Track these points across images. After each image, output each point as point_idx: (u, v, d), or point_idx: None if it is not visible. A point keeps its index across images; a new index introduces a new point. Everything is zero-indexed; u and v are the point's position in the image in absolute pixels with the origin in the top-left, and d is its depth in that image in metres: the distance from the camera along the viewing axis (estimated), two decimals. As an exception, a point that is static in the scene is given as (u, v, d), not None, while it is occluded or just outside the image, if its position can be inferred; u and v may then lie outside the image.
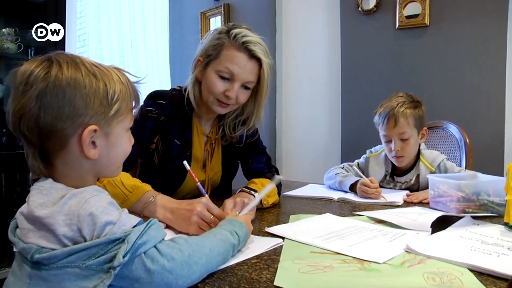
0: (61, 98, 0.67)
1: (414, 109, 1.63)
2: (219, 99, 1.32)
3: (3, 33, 2.67)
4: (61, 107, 0.67)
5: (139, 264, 0.64)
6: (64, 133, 0.68)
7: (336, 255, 0.85)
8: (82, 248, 0.62)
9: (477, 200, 1.20)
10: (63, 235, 0.63)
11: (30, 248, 0.64)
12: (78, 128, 0.69)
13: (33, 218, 0.65)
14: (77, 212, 0.64)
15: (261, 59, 1.30)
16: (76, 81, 0.68)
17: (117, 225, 0.64)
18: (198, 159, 1.47)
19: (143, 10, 4.09)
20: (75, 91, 0.68)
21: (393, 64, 2.77)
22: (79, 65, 0.71)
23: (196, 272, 0.69)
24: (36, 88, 0.66)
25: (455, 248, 0.87)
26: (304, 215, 1.24)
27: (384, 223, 1.12)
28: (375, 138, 1.78)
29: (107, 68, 0.75)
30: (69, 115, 0.67)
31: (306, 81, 3.34)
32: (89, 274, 0.62)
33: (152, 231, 0.67)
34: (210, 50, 1.32)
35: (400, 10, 2.69)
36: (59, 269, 0.62)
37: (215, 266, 0.75)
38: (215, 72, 1.30)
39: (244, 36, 1.29)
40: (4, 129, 2.68)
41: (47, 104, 0.66)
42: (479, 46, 2.45)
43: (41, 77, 0.67)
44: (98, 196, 0.67)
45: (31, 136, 0.68)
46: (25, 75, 0.68)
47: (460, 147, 1.95)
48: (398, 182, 1.73)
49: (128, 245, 0.62)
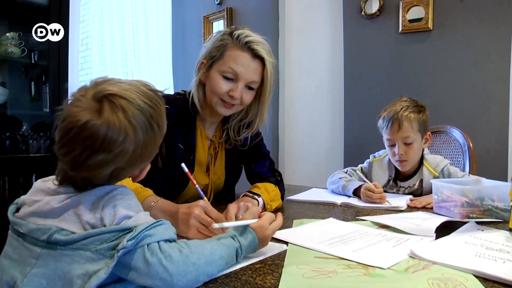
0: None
1: (418, 114, 1.63)
2: (223, 100, 1.32)
3: (7, 37, 2.68)
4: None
5: (140, 254, 0.66)
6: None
7: (340, 260, 0.85)
8: (98, 233, 0.66)
9: (481, 205, 1.19)
10: (87, 221, 0.67)
11: (48, 228, 0.67)
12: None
13: (54, 208, 0.70)
14: (102, 203, 0.69)
15: (264, 58, 1.31)
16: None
17: (133, 219, 0.69)
18: (202, 163, 1.47)
19: (146, 14, 4.10)
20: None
21: (396, 68, 2.77)
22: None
23: (193, 272, 0.68)
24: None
25: (460, 253, 0.87)
26: (307, 219, 1.24)
27: (387, 228, 1.12)
28: (378, 142, 1.78)
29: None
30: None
31: (308, 85, 3.34)
32: (97, 258, 0.65)
33: (160, 228, 0.69)
34: (214, 52, 1.33)
35: (403, 14, 2.69)
36: (74, 250, 0.65)
37: (216, 270, 0.75)
38: (219, 73, 1.31)
39: (247, 36, 1.30)
40: (8, 132, 2.69)
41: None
42: (483, 50, 2.45)
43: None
44: (123, 195, 0.72)
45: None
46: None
47: (464, 152, 1.95)
48: (402, 187, 1.73)
49: (135, 233, 0.65)
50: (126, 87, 0.72)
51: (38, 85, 2.91)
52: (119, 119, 0.68)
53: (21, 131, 2.72)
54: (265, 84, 1.36)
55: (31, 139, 2.74)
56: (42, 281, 0.66)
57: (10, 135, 2.70)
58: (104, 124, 0.66)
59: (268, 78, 1.35)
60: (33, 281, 0.66)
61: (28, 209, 0.72)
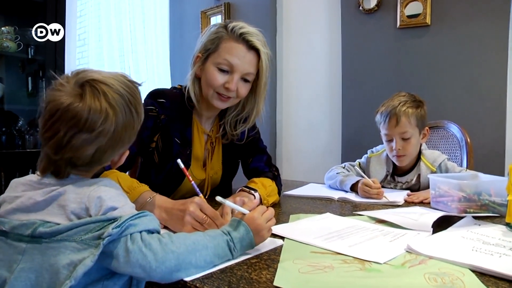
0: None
1: (416, 109, 1.62)
2: (219, 93, 1.32)
3: (3, 32, 2.66)
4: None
5: (123, 242, 0.68)
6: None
7: (337, 255, 0.85)
8: (83, 223, 0.67)
9: (479, 200, 1.19)
10: (72, 211, 0.69)
11: (32, 223, 0.69)
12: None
13: (49, 197, 0.72)
14: (88, 193, 0.71)
15: (259, 50, 1.31)
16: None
17: (118, 210, 0.71)
18: (199, 158, 1.46)
19: (143, 9, 4.08)
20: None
21: (394, 64, 2.76)
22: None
23: (172, 260, 0.69)
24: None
25: (457, 248, 0.87)
26: (304, 214, 1.23)
27: (384, 223, 1.11)
28: (376, 137, 1.78)
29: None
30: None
31: (306, 81, 3.33)
32: (82, 248, 0.66)
33: (145, 219, 0.72)
34: (209, 45, 1.32)
35: (401, 10, 2.68)
36: (58, 242, 0.67)
37: (202, 260, 0.74)
38: (214, 65, 1.30)
39: (241, 28, 1.30)
40: (4, 127, 2.68)
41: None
42: (481, 45, 2.44)
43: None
44: (109, 187, 0.75)
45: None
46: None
47: (461, 147, 1.95)
48: (399, 182, 1.73)
49: (119, 222, 0.67)
50: (106, 75, 0.78)
51: (35, 80, 2.89)
52: (100, 101, 0.73)
53: (17, 127, 2.71)
54: (260, 75, 1.36)
55: (27, 134, 2.73)
56: (30, 276, 0.67)
57: (7, 130, 2.69)
58: (86, 105, 0.72)
59: (263, 69, 1.34)
60: (21, 276, 0.67)
61: (9, 206, 0.73)
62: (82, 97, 0.72)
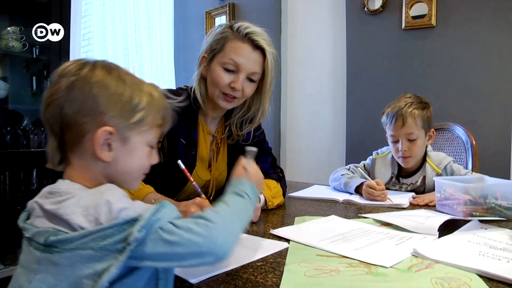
0: (86, 93, 0.71)
1: (422, 110, 1.62)
2: (224, 93, 1.32)
3: (8, 32, 2.66)
4: (84, 101, 0.71)
5: (157, 239, 0.63)
6: (82, 128, 0.71)
7: (343, 258, 0.84)
8: (98, 230, 0.62)
9: (485, 203, 1.18)
10: (79, 225, 0.63)
11: (45, 231, 0.65)
12: (96, 125, 0.71)
13: (46, 210, 0.67)
14: (93, 203, 0.65)
15: (265, 49, 1.31)
16: (103, 81, 0.72)
17: (131, 209, 0.65)
18: (204, 159, 1.46)
19: (148, 9, 4.09)
20: (100, 90, 0.71)
21: (399, 65, 2.76)
22: (112, 69, 0.75)
23: (219, 236, 0.65)
24: (67, 80, 0.71)
25: (463, 252, 0.86)
26: (309, 217, 1.23)
27: (390, 226, 1.11)
28: (380, 138, 1.77)
29: (140, 80, 0.78)
30: (90, 110, 0.71)
31: (311, 81, 3.33)
32: (103, 255, 0.62)
33: (166, 209, 0.66)
34: (214, 45, 1.33)
35: (406, 11, 2.67)
36: (71, 251, 0.62)
37: (239, 227, 0.72)
38: (220, 65, 1.31)
39: (247, 28, 1.30)
40: (8, 127, 2.68)
41: (72, 97, 0.71)
42: (486, 47, 2.43)
43: (73, 71, 0.72)
44: (112, 190, 0.69)
45: (54, 124, 0.72)
46: (62, 68, 0.73)
47: (467, 149, 1.94)
48: (404, 184, 1.72)
49: (143, 221, 0.62)
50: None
51: (40, 80, 2.90)
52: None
53: (22, 126, 2.71)
54: (266, 74, 1.35)
55: (32, 134, 2.73)
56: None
57: (11, 129, 2.69)
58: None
59: (269, 68, 1.34)
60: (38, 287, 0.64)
61: (34, 212, 0.71)
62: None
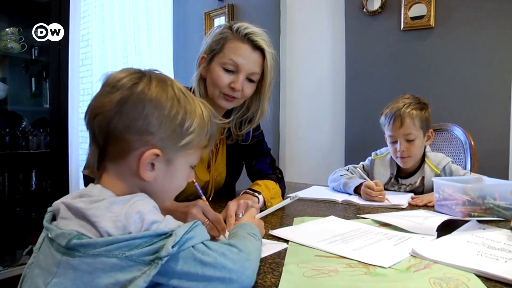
0: (139, 111, 0.68)
1: (421, 111, 1.63)
2: (224, 93, 1.33)
3: (7, 33, 2.66)
4: (136, 119, 0.68)
5: (189, 257, 0.62)
6: (129, 145, 0.69)
7: (341, 259, 0.84)
8: (126, 239, 0.60)
9: (483, 203, 1.19)
10: (106, 231, 0.61)
11: (69, 233, 0.62)
12: (143, 145, 0.69)
13: (75, 209, 0.65)
14: (124, 211, 0.63)
15: (264, 49, 1.32)
16: (159, 100, 0.69)
17: (163, 223, 0.64)
18: (203, 159, 1.47)
19: (147, 10, 4.10)
20: (154, 109, 0.69)
21: (398, 66, 2.76)
22: (167, 86, 0.72)
23: (249, 268, 0.67)
24: (121, 93, 0.68)
25: (462, 252, 0.86)
26: (308, 217, 1.23)
27: (389, 226, 1.11)
28: (379, 139, 1.77)
29: (194, 99, 0.76)
30: (139, 129, 0.68)
31: (310, 82, 3.33)
32: (127, 266, 0.59)
33: (198, 230, 0.66)
34: (214, 45, 1.33)
35: (405, 12, 2.67)
36: (94, 257, 0.60)
37: (258, 263, 0.75)
38: (219, 65, 1.31)
39: (246, 28, 1.31)
40: (7, 128, 2.68)
41: (124, 112, 0.68)
42: (485, 48, 2.44)
43: (128, 85, 0.69)
44: (144, 201, 0.68)
45: (99, 135, 0.69)
46: (116, 79, 0.70)
47: (465, 150, 1.94)
48: (403, 185, 1.72)
49: (177, 238, 0.61)
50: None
51: (39, 81, 2.90)
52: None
53: (21, 127, 2.72)
54: (265, 75, 1.36)
55: (31, 135, 2.74)
56: None
57: (10, 131, 2.69)
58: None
59: (268, 69, 1.35)
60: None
61: (59, 213, 0.69)
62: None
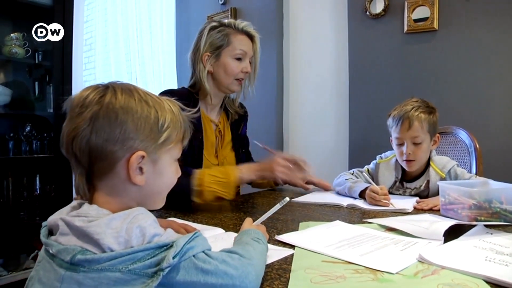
0: (113, 121, 0.69)
1: (429, 115, 1.62)
2: (237, 78, 1.65)
3: (11, 38, 2.67)
4: (112, 130, 0.68)
5: (191, 267, 0.63)
6: (113, 156, 0.69)
7: (348, 264, 0.84)
8: (129, 253, 0.61)
9: (490, 208, 1.17)
10: (108, 247, 0.62)
11: (73, 249, 0.63)
12: (127, 152, 0.69)
13: (75, 227, 0.65)
14: (124, 226, 0.64)
15: (255, 36, 1.69)
16: (128, 106, 0.70)
17: (164, 235, 0.65)
18: (212, 144, 1.67)
19: (150, 14, 4.10)
20: (127, 116, 0.70)
21: (401, 69, 2.76)
22: (132, 92, 0.73)
23: (252, 272, 0.67)
24: (91, 110, 0.68)
25: (469, 258, 0.86)
26: (313, 222, 1.22)
27: (395, 231, 1.10)
28: (383, 141, 1.77)
29: (159, 98, 0.78)
30: (119, 138, 0.69)
31: (313, 85, 3.33)
32: (131, 279, 0.60)
33: (199, 239, 0.67)
34: (218, 43, 1.61)
35: (408, 14, 2.67)
36: (98, 272, 0.60)
37: (263, 267, 0.76)
38: (231, 57, 1.62)
39: (240, 23, 1.66)
40: (11, 133, 2.69)
41: (99, 126, 0.68)
42: (488, 50, 2.43)
43: (96, 100, 0.69)
44: (144, 215, 0.68)
45: (82, 157, 0.69)
46: (82, 98, 0.70)
47: (470, 153, 1.93)
48: (408, 188, 1.72)
49: (177, 248, 0.62)
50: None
51: (42, 86, 2.91)
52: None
53: (24, 132, 2.72)
54: (256, 55, 1.72)
55: (34, 139, 2.74)
56: None
57: (14, 135, 2.70)
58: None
59: (257, 50, 1.72)
60: None
61: (59, 229, 0.69)
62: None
